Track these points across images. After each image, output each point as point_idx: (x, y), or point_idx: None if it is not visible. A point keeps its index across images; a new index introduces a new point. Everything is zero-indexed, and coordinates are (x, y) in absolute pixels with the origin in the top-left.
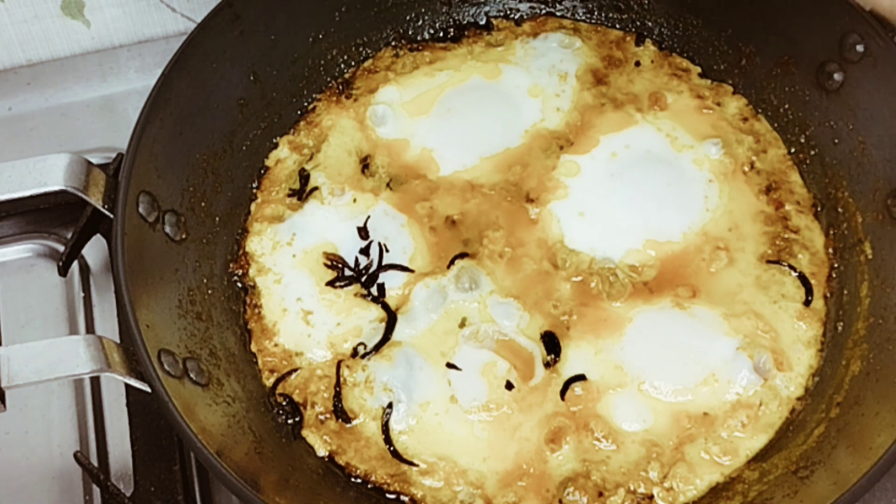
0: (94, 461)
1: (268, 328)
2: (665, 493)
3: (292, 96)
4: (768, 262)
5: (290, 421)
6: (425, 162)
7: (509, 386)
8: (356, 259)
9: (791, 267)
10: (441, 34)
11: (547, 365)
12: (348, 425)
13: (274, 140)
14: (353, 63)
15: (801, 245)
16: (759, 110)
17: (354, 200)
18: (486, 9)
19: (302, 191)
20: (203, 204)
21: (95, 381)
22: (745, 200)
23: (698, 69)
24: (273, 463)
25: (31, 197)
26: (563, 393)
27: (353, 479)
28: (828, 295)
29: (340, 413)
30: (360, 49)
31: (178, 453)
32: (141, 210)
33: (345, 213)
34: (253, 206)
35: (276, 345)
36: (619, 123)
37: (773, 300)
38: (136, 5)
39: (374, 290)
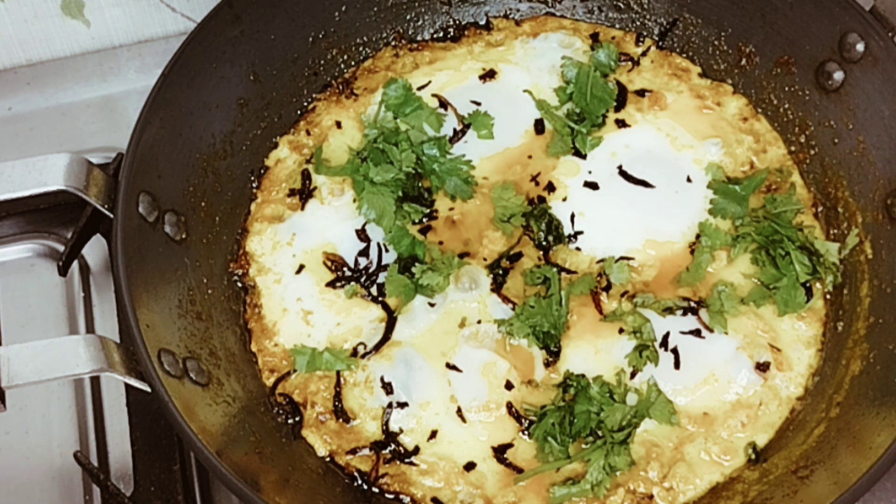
0: (94, 461)
1: (268, 328)
2: (665, 492)
3: (292, 96)
4: None
5: (290, 421)
6: None
7: (509, 386)
8: (356, 260)
9: None
10: (441, 34)
11: (547, 365)
12: (348, 425)
13: (274, 140)
14: (353, 63)
15: None
16: (759, 110)
17: (354, 200)
18: (486, 9)
19: (304, 190)
20: (203, 204)
21: (95, 381)
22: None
23: (698, 69)
24: (273, 463)
25: (31, 197)
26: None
27: (352, 479)
28: (828, 295)
29: (340, 413)
30: (360, 49)
31: (178, 453)
32: (141, 210)
33: (345, 212)
34: (253, 206)
35: (276, 345)
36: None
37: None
38: (136, 5)
39: (373, 290)
